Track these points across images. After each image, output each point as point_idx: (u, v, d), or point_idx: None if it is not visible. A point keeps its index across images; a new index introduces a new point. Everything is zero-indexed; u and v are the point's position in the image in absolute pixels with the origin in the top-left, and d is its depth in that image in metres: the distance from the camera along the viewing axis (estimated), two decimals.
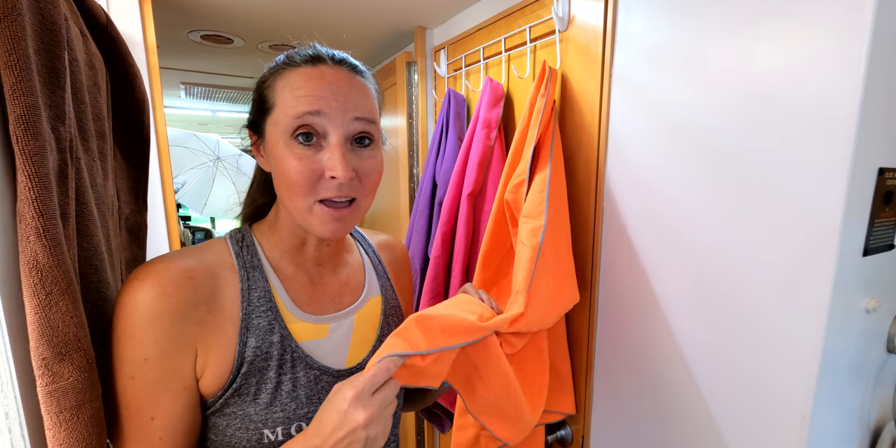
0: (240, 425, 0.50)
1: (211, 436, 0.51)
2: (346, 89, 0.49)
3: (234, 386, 0.49)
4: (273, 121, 0.49)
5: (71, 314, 0.42)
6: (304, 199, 0.48)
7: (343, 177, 0.47)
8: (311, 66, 0.49)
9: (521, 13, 0.95)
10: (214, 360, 0.49)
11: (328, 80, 0.48)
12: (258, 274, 0.53)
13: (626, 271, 0.78)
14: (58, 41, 0.43)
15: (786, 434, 0.57)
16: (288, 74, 0.49)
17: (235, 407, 0.50)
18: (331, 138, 0.48)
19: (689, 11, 0.65)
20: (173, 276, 0.47)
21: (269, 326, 0.51)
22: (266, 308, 0.52)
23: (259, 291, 0.52)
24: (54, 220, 0.41)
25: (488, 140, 0.99)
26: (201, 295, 0.48)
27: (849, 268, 0.54)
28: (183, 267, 0.48)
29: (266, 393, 0.50)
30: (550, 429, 0.95)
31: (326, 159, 0.48)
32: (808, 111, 0.53)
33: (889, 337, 0.66)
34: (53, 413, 0.42)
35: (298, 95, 0.47)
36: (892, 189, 0.57)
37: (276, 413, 0.51)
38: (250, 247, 0.55)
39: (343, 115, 0.48)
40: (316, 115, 0.47)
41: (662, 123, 0.70)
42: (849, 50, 0.49)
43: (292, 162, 0.47)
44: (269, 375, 0.51)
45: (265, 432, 0.50)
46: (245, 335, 0.50)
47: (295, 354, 0.52)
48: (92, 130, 0.55)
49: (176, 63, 1.72)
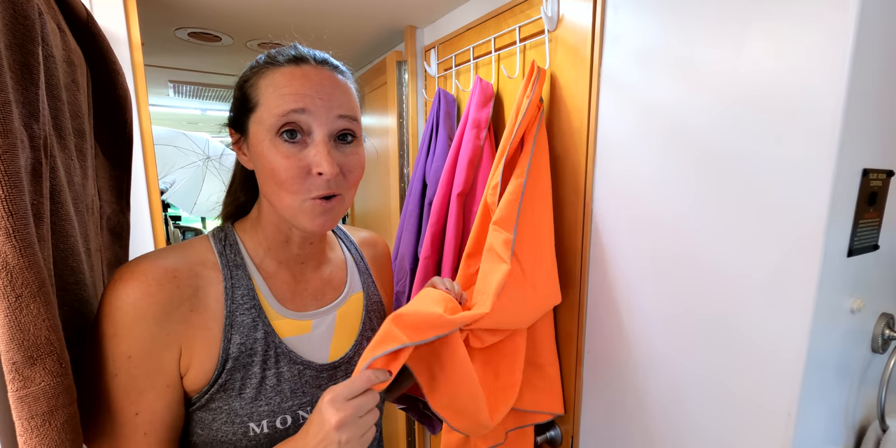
0: (225, 419, 0.51)
1: (197, 430, 0.52)
2: (330, 88, 0.50)
3: (220, 381, 0.50)
4: (257, 119, 0.50)
5: (43, 317, 0.41)
6: (295, 197, 0.49)
7: (329, 172, 0.48)
8: (295, 66, 0.50)
9: (511, 13, 0.95)
10: (198, 357, 0.50)
11: (312, 79, 0.49)
12: (241, 272, 0.54)
13: (615, 272, 0.78)
14: (31, 36, 0.42)
15: (771, 433, 0.57)
16: (271, 74, 0.50)
17: (221, 402, 0.51)
18: (315, 135, 0.49)
19: (676, 12, 0.65)
20: (156, 275, 0.47)
21: (252, 323, 0.52)
22: (250, 306, 0.53)
23: (242, 289, 0.53)
24: (25, 220, 0.39)
25: (478, 140, 0.99)
26: (184, 293, 0.49)
27: (834, 268, 0.54)
28: (166, 266, 0.49)
29: (251, 388, 0.51)
30: (540, 429, 0.95)
31: (312, 156, 0.48)
32: (795, 112, 0.53)
33: (874, 337, 0.66)
34: (25, 419, 0.41)
35: (283, 93, 0.48)
36: (876, 190, 0.58)
37: (262, 407, 0.52)
38: (233, 245, 0.55)
39: (327, 113, 0.49)
40: (301, 113, 0.48)
41: (650, 124, 0.70)
42: (833, 51, 0.49)
43: (279, 160, 0.48)
44: (253, 371, 0.52)
45: (251, 425, 0.51)
46: (229, 332, 0.51)
47: (279, 350, 0.54)
48: (69, 128, 0.54)
49: (163, 61, 1.69)
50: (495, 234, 0.76)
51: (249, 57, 1.59)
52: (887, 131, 0.58)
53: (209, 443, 0.52)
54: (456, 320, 0.60)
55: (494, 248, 0.75)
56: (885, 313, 0.67)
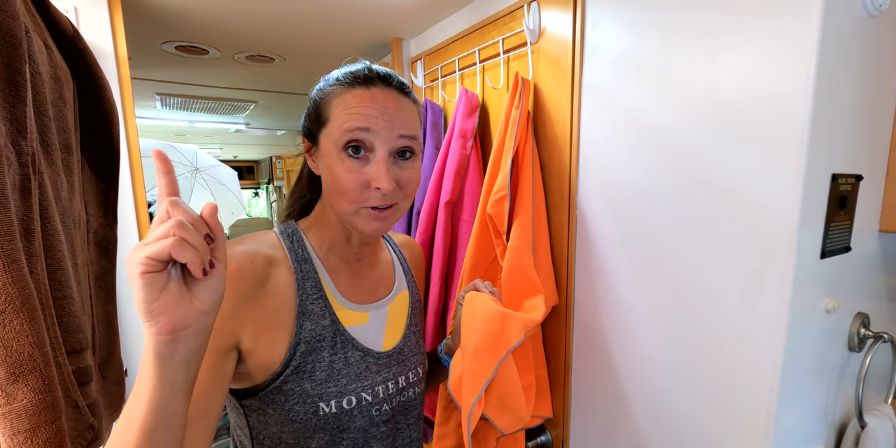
0: (297, 400, 0.54)
1: (269, 411, 0.55)
2: (394, 109, 0.55)
3: (293, 364, 0.54)
4: (327, 133, 0.55)
5: (26, 333, 0.41)
6: (352, 205, 0.55)
7: (386, 189, 0.53)
8: (364, 88, 0.55)
9: (494, 25, 0.97)
10: (267, 339, 0.54)
11: (378, 102, 0.54)
12: (309, 266, 0.59)
13: (600, 277, 0.79)
14: (18, 55, 0.43)
15: (753, 433, 0.59)
16: (343, 94, 0.55)
17: (293, 384, 0.54)
18: (377, 152, 0.54)
19: (651, 24, 0.67)
20: (237, 256, 0.53)
21: (321, 312, 0.58)
22: (317, 296, 0.58)
23: (311, 281, 0.58)
24: (9, 236, 0.40)
25: (464, 149, 1.00)
26: (259, 277, 0.54)
27: (808, 270, 0.56)
28: (246, 250, 0.55)
29: (321, 370, 0.56)
30: (530, 435, 0.95)
31: (373, 172, 0.54)
32: (766, 120, 0.55)
33: (850, 336, 0.68)
34: (7, 435, 0.40)
35: (352, 112, 0.53)
36: (845, 194, 0.60)
37: (331, 388, 0.56)
38: (300, 242, 0.61)
39: (389, 133, 0.54)
40: (365, 132, 0.53)
41: (630, 131, 0.72)
42: (800, 62, 0.52)
43: (344, 173, 0.53)
44: (322, 355, 0.56)
45: (321, 405, 0.55)
46: (301, 319, 0.56)
47: (343, 337, 0.58)
48: (56, 144, 0.54)
49: (150, 74, 1.69)
50: (523, 258, 0.81)
51: (238, 69, 1.61)
52: (855, 137, 0.60)
53: (281, 422, 0.55)
54: (517, 335, 0.68)
55: (527, 275, 0.81)
56: (860, 312, 0.69)
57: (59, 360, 0.46)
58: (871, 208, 0.67)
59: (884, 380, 0.76)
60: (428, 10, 1.11)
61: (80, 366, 0.55)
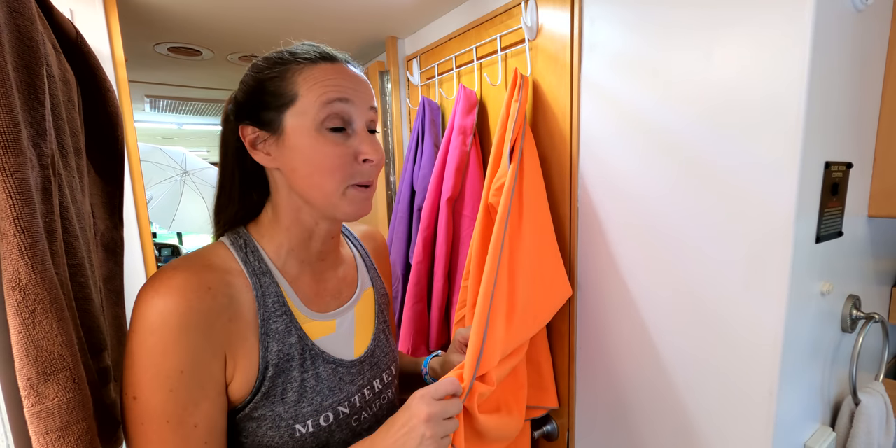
0: (271, 425, 0.52)
1: (241, 439, 0.53)
2: (362, 82, 0.54)
3: (263, 389, 0.51)
4: (298, 111, 0.50)
5: (56, 333, 0.41)
6: (340, 183, 0.52)
7: (377, 159, 0.52)
8: (329, 63, 0.53)
9: (491, 23, 0.99)
10: (241, 366, 0.51)
11: (347, 74, 0.53)
12: (268, 279, 0.54)
13: (603, 268, 0.82)
14: (36, 58, 0.43)
15: (756, 411, 0.61)
16: (308, 69, 0.51)
17: (265, 409, 0.52)
18: (356, 125, 0.53)
19: (648, 21, 0.69)
20: (194, 287, 0.47)
21: (286, 329, 0.54)
22: (281, 312, 0.54)
23: (272, 297, 0.54)
24: (37, 238, 0.40)
25: (464, 146, 1.02)
26: (221, 304, 0.49)
27: (804, 254, 0.59)
28: (200, 278, 0.49)
29: (293, 391, 0.53)
30: (536, 425, 0.97)
31: (358, 144, 0.52)
32: (762, 112, 0.58)
33: (843, 317, 0.71)
34: (40, 434, 0.41)
35: (327, 85, 0.51)
36: (837, 181, 0.63)
37: (305, 408, 0.53)
38: (255, 252, 0.55)
39: (363, 105, 0.53)
40: (345, 103, 0.51)
41: (630, 126, 0.74)
42: (793, 56, 0.54)
43: (329, 147, 0.51)
44: (293, 375, 0.53)
45: (297, 427, 0.53)
46: (266, 340, 0.52)
47: (312, 352, 0.55)
48: (70, 146, 0.54)
49: (141, 76, 1.68)
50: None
51: (230, 70, 1.60)
52: (845, 126, 0.63)
53: None
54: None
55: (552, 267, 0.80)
56: (852, 295, 0.72)
57: (85, 359, 0.47)
58: (860, 194, 0.70)
59: (874, 359, 0.79)
60: (423, 9, 1.12)
61: (101, 366, 0.55)
